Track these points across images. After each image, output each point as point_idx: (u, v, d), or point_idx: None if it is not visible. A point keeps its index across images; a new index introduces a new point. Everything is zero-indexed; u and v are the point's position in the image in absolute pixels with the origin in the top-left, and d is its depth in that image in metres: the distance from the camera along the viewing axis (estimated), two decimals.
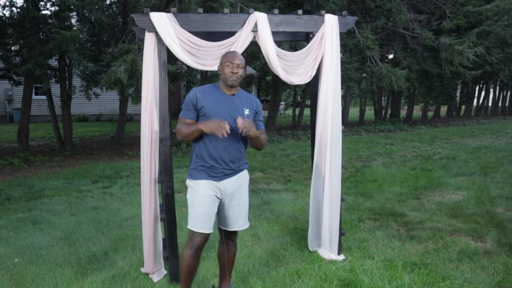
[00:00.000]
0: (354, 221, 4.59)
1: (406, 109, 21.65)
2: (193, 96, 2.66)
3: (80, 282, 3.26)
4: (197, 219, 2.65)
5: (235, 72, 2.64)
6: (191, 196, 2.71)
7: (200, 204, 2.66)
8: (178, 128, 2.67)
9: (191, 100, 2.66)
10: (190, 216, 2.69)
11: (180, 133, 2.66)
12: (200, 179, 2.68)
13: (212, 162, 2.66)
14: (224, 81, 2.69)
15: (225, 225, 2.82)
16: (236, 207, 2.78)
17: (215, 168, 2.67)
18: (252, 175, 7.34)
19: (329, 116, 3.51)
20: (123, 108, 11.55)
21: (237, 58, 2.67)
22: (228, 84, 2.67)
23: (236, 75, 2.65)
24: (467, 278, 3.18)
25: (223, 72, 2.69)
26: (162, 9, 8.15)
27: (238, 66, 2.65)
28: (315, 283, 3.14)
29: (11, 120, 19.22)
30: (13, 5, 9.25)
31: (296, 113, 17.72)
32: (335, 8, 10.74)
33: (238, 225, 2.82)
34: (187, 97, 2.70)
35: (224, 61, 2.69)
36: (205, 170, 2.68)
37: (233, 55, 2.70)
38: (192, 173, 2.73)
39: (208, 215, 2.66)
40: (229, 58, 2.68)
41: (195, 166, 2.72)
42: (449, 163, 8.02)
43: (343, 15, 3.61)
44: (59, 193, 6.14)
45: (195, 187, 2.69)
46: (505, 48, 18.15)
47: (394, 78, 11.95)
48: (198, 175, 2.69)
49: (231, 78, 2.65)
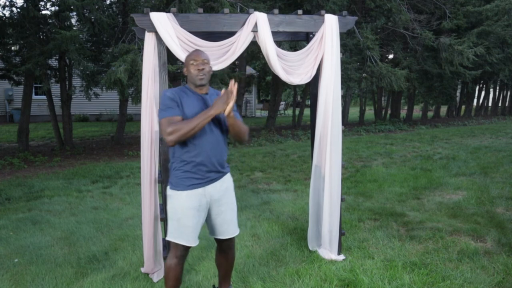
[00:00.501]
0: (354, 221, 4.59)
1: (406, 109, 21.65)
2: (172, 95, 2.48)
3: (80, 282, 3.26)
4: (182, 233, 2.51)
5: (201, 69, 2.51)
6: (173, 208, 2.54)
7: (184, 217, 2.50)
8: (170, 129, 2.36)
9: (172, 98, 2.47)
10: (173, 228, 2.54)
11: (177, 131, 2.35)
12: (184, 190, 2.50)
13: (199, 166, 2.50)
14: (192, 82, 2.56)
15: (217, 233, 2.69)
16: (226, 213, 2.64)
17: (201, 172, 2.50)
18: (252, 175, 7.34)
19: (329, 116, 3.51)
20: (123, 108, 11.56)
21: (201, 54, 2.56)
22: (197, 84, 2.54)
23: (203, 72, 2.52)
24: (467, 278, 3.18)
25: (189, 73, 2.55)
26: (162, 9, 8.15)
27: (203, 62, 2.53)
28: (315, 283, 3.14)
29: (11, 120, 19.23)
30: (13, 5, 9.25)
31: (296, 113, 17.72)
32: (335, 8, 10.75)
33: (230, 232, 2.68)
34: (165, 98, 2.49)
35: (188, 60, 2.56)
36: (189, 177, 2.50)
37: (197, 53, 2.58)
38: (175, 182, 2.54)
39: (193, 228, 2.52)
40: (192, 56, 2.56)
41: (178, 174, 2.52)
42: (449, 163, 8.02)
43: (343, 15, 3.61)
44: (59, 193, 6.14)
45: (178, 198, 2.52)
46: (505, 48, 18.16)
47: (394, 78, 11.96)
48: (181, 184, 2.51)
49: (198, 76, 2.51)
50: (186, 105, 2.49)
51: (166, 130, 2.38)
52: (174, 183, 2.54)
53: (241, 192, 6.08)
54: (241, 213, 4.99)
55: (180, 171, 2.52)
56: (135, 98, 9.14)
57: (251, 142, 11.91)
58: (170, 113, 2.44)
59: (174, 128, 2.37)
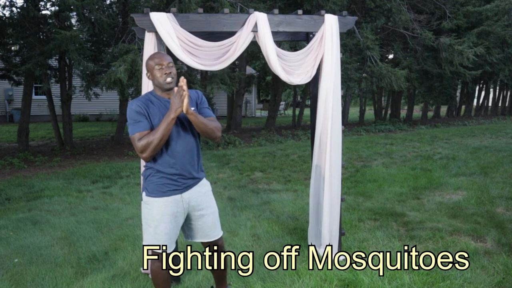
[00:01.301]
0: (354, 221, 4.59)
1: (406, 109, 21.66)
2: (138, 107, 2.37)
3: (80, 282, 3.26)
4: (158, 240, 2.49)
5: (168, 72, 2.40)
6: (149, 215, 2.49)
7: (161, 224, 2.47)
8: (141, 144, 2.29)
9: (138, 111, 2.36)
10: (149, 235, 2.51)
11: (147, 145, 2.29)
12: (161, 196, 2.45)
13: (173, 171, 2.44)
14: (159, 87, 2.44)
15: (199, 237, 2.65)
16: (207, 217, 2.60)
17: (176, 180, 2.45)
18: (252, 175, 7.34)
19: (329, 116, 3.51)
20: (123, 108, 11.55)
21: (165, 57, 2.44)
22: (165, 88, 2.42)
23: (171, 75, 2.41)
24: (467, 278, 3.18)
25: (155, 77, 2.43)
26: (162, 9, 8.16)
27: (168, 65, 2.42)
28: (315, 283, 3.14)
29: (11, 120, 19.23)
30: (13, 5, 9.25)
31: (296, 113, 17.73)
32: (335, 8, 10.75)
33: (212, 235, 2.65)
34: (131, 111, 2.38)
35: (153, 65, 2.42)
36: (166, 184, 2.45)
37: (160, 56, 2.45)
38: (151, 188, 2.47)
39: (169, 235, 2.50)
40: (157, 60, 2.43)
41: (153, 180, 2.46)
42: (449, 163, 8.02)
43: (343, 15, 3.61)
44: (59, 193, 6.14)
45: (154, 204, 2.46)
46: (505, 48, 18.17)
47: (394, 78, 11.96)
48: (157, 191, 2.45)
49: (167, 80, 2.40)
50: (153, 115, 2.40)
51: (137, 148, 2.33)
52: (151, 190, 2.48)
53: (241, 192, 6.08)
54: (241, 213, 5.00)
55: (156, 177, 2.46)
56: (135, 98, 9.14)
57: (251, 142, 11.91)
58: (139, 128, 2.35)
59: (144, 144, 2.31)
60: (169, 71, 2.41)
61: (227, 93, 13.31)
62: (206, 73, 11.70)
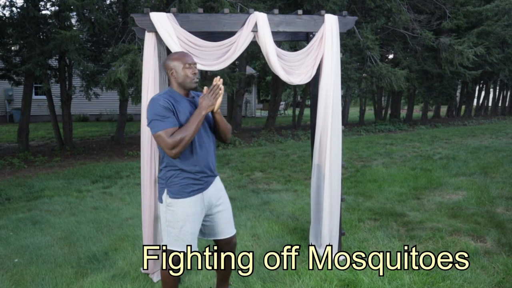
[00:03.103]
0: (354, 221, 4.59)
1: (406, 109, 21.66)
2: (166, 103, 2.34)
3: (80, 282, 3.26)
4: (183, 241, 2.48)
5: (196, 72, 2.47)
6: (173, 217, 2.46)
7: (186, 224, 2.46)
8: (172, 141, 2.27)
9: (166, 107, 2.33)
10: (173, 236, 2.48)
11: (180, 141, 2.28)
12: (186, 197, 2.45)
13: (196, 169, 2.45)
14: (184, 84, 2.46)
15: (215, 234, 2.67)
16: (224, 212, 2.65)
17: (200, 178, 2.48)
18: (252, 175, 7.34)
19: (329, 116, 3.51)
20: (123, 108, 11.56)
21: (192, 57, 2.51)
22: (191, 87, 2.47)
23: (196, 76, 2.48)
24: (467, 278, 3.18)
25: (181, 76, 2.44)
26: (162, 9, 8.16)
27: (195, 66, 2.50)
28: (315, 283, 3.14)
29: (11, 120, 19.23)
30: (13, 5, 9.25)
31: (296, 113, 17.73)
32: (335, 8, 10.75)
33: (228, 231, 2.68)
34: (157, 106, 2.33)
35: (181, 64, 2.44)
36: (190, 184, 2.45)
37: (188, 56, 2.49)
38: (175, 190, 2.44)
39: (194, 235, 2.52)
40: (187, 59, 2.46)
41: (176, 181, 2.44)
42: (449, 163, 8.02)
43: (343, 15, 3.61)
44: (59, 193, 6.14)
45: (179, 205, 2.45)
46: (505, 48, 18.16)
47: (394, 78, 11.96)
48: (182, 192, 2.44)
49: (194, 79, 2.46)
50: (180, 112, 2.39)
51: (168, 144, 2.28)
52: (174, 191, 2.45)
53: (241, 192, 6.08)
54: (241, 213, 4.99)
55: (179, 178, 2.44)
56: (135, 98, 9.15)
57: (251, 142, 11.91)
58: (169, 124, 2.31)
59: (177, 140, 2.28)
60: (196, 71, 2.49)
61: (227, 93, 13.32)
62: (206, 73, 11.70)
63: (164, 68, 2.55)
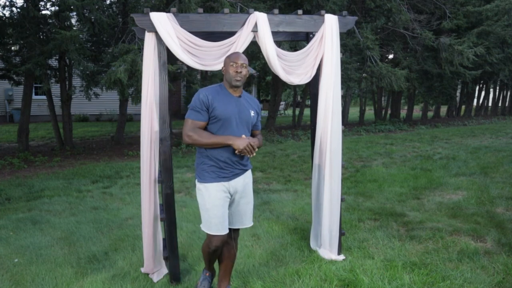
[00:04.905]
0: (354, 221, 4.59)
1: (406, 109, 21.66)
2: (205, 97, 2.63)
3: (80, 282, 3.26)
4: (212, 223, 2.68)
5: (239, 71, 2.66)
6: (202, 199, 2.72)
7: (213, 208, 2.67)
8: (190, 134, 2.62)
9: (203, 101, 2.63)
10: (204, 219, 2.73)
11: (195, 140, 2.62)
12: (211, 182, 2.68)
13: (223, 163, 2.67)
14: (228, 82, 2.71)
15: (232, 222, 2.84)
16: (245, 205, 2.84)
17: (226, 168, 2.68)
18: (252, 175, 7.30)
19: (329, 116, 3.51)
20: (123, 108, 11.56)
21: (240, 58, 2.70)
22: (232, 84, 2.69)
23: (240, 75, 2.67)
24: (467, 278, 3.18)
25: (227, 73, 2.71)
26: (162, 9, 8.15)
27: (242, 65, 2.68)
28: (315, 283, 3.14)
29: (11, 120, 19.23)
30: (13, 5, 9.25)
31: (296, 113, 17.72)
32: (335, 8, 10.74)
33: (244, 222, 2.87)
34: (196, 98, 2.66)
35: (228, 62, 2.71)
36: (216, 171, 2.68)
37: (237, 55, 2.72)
38: (202, 175, 2.72)
39: (222, 218, 2.69)
40: (233, 58, 2.71)
41: (205, 168, 2.71)
42: (449, 163, 8.02)
43: (343, 15, 3.61)
44: (59, 193, 6.14)
45: (206, 190, 2.69)
46: (505, 48, 18.16)
47: (394, 78, 11.96)
48: (208, 178, 2.69)
49: (235, 77, 2.66)
50: (218, 104, 2.64)
51: (187, 133, 2.63)
52: (201, 176, 2.71)
53: None
54: None
55: (206, 165, 2.69)
56: (135, 98, 9.15)
57: None
58: (195, 117, 2.63)
59: (193, 136, 2.61)
60: (240, 70, 2.67)
61: None
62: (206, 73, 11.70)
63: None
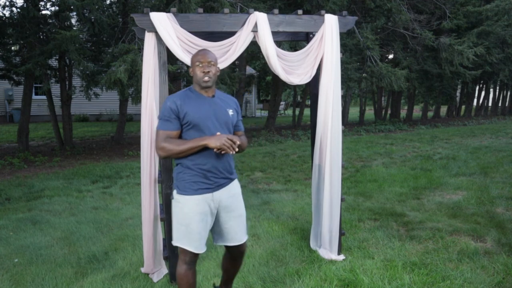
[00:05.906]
0: (354, 221, 4.59)
1: (406, 109, 21.67)
2: (173, 104, 2.38)
3: (80, 282, 3.26)
4: (190, 239, 2.42)
5: (207, 71, 2.42)
6: (180, 212, 2.43)
7: (192, 223, 2.41)
8: (162, 145, 2.35)
9: (171, 108, 2.38)
10: (181, 234, 2.44)
11: (168, 150, 2.35)
12: (192, 194, 2.41)
13: (207, 172, 2.41)
14: (197, 83, 2.46)
15: (225, 240, 2.58)
16: (235, 220, 2.55)
17: (210, 178, 2.42)
18: (252, 175, 7.34)
19: (329, 116, 3.51)
20: (123, 108, 11.56)
21: (207, 55, 2.45)
22: (202, 86, 2.44)
23: (208, 75, 2.42)
24: (467, 278, 3.18)
25: (194, 74, 2.46)
26: (162, 9, 8.15)
27: (209, 64, 2.43)
28: (315, 283, 3.14)
29: (11, 120, 19.23)
30: (13, 5, 9.25)
31: (296, 113, 17.73)
32: (335, 8, 10.74)
33: (238, 239, 2.57)
34: (164, 106, 2.41)
35: (194, 61, 2.46)
36: (198, 181, 2.41)
37: (203, 53, 2.47)
38: (182, 186, 2.43)
39: (200, 234, 2.43)
40: (199, 57, 2.45)
41: (185, 178, 2.42)
42: (449, 163, 8.02)
43: (343, 15, 3.61)
44: (59, 193, 6.14)
45: (186, 202, 2.42)
46: (505, 48, 18.16)
47: (394, 78, 11.96)
48: (188, 189, 2.41)
49: (203, 78, 2.42)
50: (189, 108, 2.40)
51: (159, 145, 2.38)
52: (182, 187, 2.43)
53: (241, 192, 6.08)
54: None
55: (187, 175, 2.43)
56: (135, 98, 9.14)
57: (251, 142, 11.91)
58: (167, 127, 2.39)
59: (165, 147, 2.36)
60: (207, 70, 2.43)
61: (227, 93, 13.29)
62: None
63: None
